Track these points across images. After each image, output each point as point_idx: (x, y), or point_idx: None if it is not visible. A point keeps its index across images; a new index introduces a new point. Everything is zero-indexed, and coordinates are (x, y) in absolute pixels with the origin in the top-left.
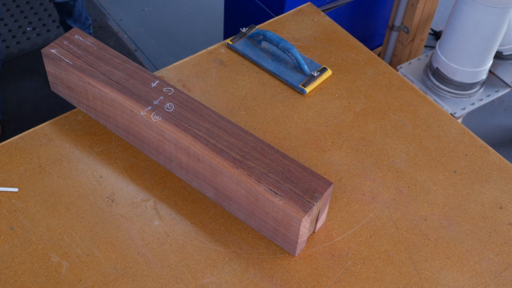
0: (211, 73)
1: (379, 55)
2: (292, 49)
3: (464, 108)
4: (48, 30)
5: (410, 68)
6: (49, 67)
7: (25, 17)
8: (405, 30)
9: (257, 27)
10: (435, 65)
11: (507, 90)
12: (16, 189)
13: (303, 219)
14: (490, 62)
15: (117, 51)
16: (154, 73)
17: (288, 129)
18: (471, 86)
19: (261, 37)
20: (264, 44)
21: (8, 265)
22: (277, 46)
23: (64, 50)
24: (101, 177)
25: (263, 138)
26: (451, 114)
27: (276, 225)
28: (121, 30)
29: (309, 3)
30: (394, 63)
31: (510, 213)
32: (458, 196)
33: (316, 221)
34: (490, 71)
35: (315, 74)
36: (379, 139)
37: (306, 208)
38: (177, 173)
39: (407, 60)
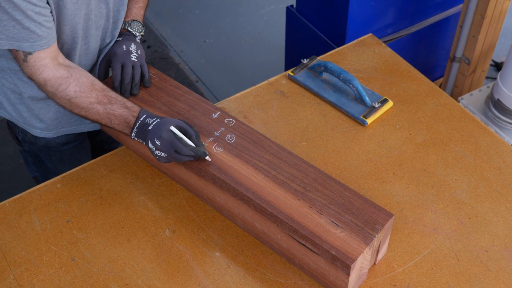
0: (272, 104)
1: (440, 86)
2: (353, 80)
3: None
4: None
5: (471, 100)
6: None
7: None
8: (466, 61)
9: (318, 58)
10: (496, 96)
11: None
12: None
13: (364, 251)
14: None
15: (178, 82)
16: (215, 104)
17: (349, 160)
18: None
19: (322, 68)
20: (325, 75)
21: None
22: (338, 77)
23: None
24: (162, 208)
25: (324, 169)
26: None
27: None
28: (182, 61)
29: (370, 34)
30: (455, 94)
31: None
32: None
33: (377, 253)
34: None
35: (376, 105)
36: (440, 171)
37: (367, 240)
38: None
39: (469, 91)
